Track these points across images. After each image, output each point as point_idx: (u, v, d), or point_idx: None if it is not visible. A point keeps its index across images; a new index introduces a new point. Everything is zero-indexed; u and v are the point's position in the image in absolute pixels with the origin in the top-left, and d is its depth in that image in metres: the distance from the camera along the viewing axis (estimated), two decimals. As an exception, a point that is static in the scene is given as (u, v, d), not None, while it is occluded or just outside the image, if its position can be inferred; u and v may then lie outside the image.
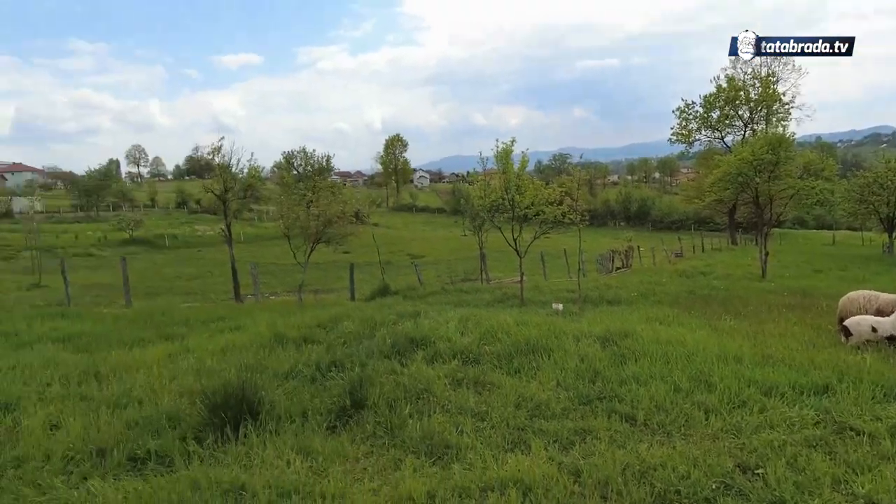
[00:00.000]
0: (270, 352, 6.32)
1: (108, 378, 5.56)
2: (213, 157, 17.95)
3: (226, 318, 9.65)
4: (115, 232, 46.18)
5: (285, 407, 4.53)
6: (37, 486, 3.61)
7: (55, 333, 7.84)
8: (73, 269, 19.25)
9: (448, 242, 51.02)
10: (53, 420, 4.56)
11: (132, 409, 4.68)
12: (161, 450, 3.98)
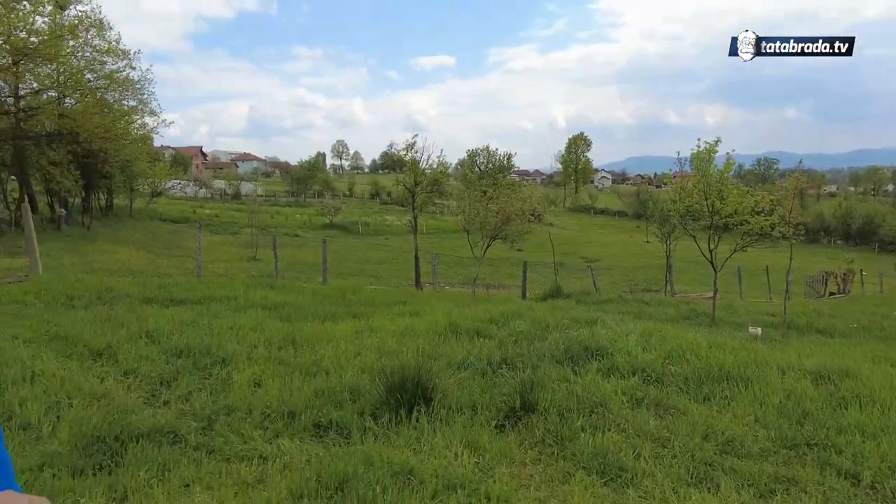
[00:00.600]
0: (445, 340, 6.46)
1: (303, 346, 6.11)
2: (407, 153, 19.14)
3: (406, 302, 10.16)
4: (317, 216, 51.89)
5: (456, 398, 4.55)
6: (240, 434, 4.06)
7: (264, 301, 8.90)
8: (282, 247, 21.96)
9: (627, 248, 48.59)
10: (257, 378, 5.12)
11: (320, 379, 5.07)
12: (341, 421, 4.23)
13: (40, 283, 9.69)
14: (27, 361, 4.92)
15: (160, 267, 18.80)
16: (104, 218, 33.09)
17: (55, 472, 3.45)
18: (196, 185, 67.11)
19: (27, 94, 22.39)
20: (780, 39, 9.39)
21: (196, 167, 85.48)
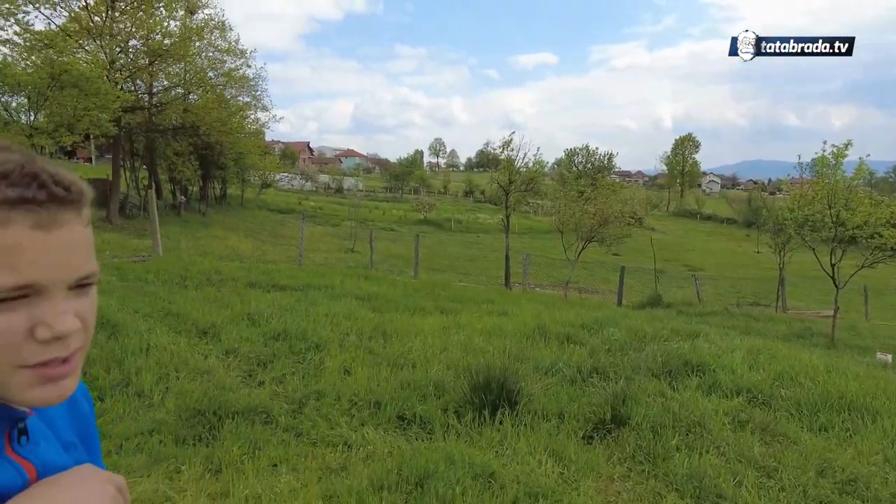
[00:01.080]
0: (533, 343, 6.31)
1: (392, 338, 6.20)
2: (503, 151, 19.04)
3: (494, 301, 10.07)
4: (412, 212, 53.04)
5: (542, 403, 4.41)
6: (328, 420, 4.17)
7: (358, 291, 9.16)
8: (378, 240, 22.61)
9: (735, 257, 45.49)
10: (347, 366, 5.25)
11: (406, 371, 5.11)
12: (425, 415, 4.23)
13: (160, 264, 10.59)
14: (144, 334, 5.35)
15: (266, 254, 19.99)
16: (218, 206, 35.76)
17: (161, 438, 3.70)
18: (302, 179, 70.87)
19: (159, 91, 24.62)
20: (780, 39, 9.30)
21: (303, 161, 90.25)
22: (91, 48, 20.57)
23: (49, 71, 13.81)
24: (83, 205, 0.60)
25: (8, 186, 0.53)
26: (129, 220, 22.48)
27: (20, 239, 0.53)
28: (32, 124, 13.72)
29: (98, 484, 0.62)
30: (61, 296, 0.56)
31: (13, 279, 0.53)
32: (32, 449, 0.63)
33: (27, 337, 0.55)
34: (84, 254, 0.59)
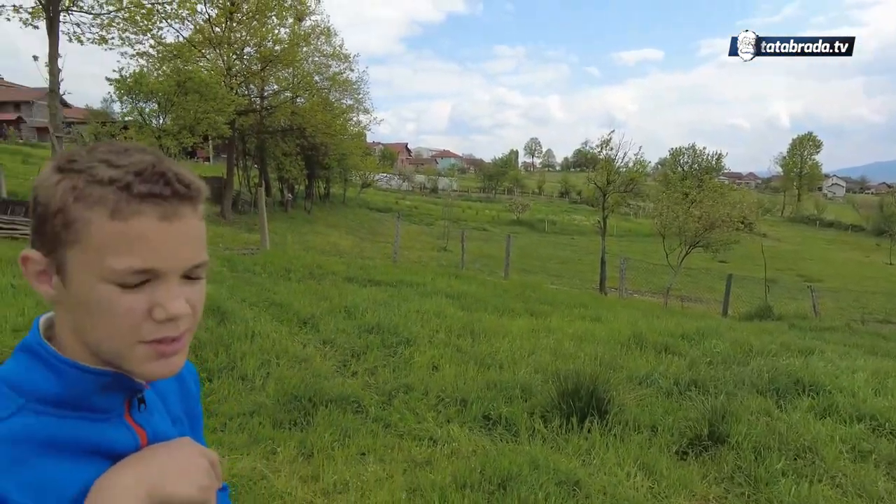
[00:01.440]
0: (627, 351, 6.07)
1: (480, 337, 6.21)
2: (601, 150, 18.52)
3: (588, 306, 9.80)
4: (505, 212, 52.83)
5: (634, 415, 4.23)
6: (415, 413, 4.25)
7: (449, 290, 9.26)
8: (470, 240, 22.74)
9: (861, 269, 41.22)
10: (435, 362, 5.32)
11: (493, 371, 5.10)
12: (510, 417, 4.20)
13: (267, 257, 11.29)
14: (250, 322, 5.72)
15: (364, 250, 20.77)
16: (322, 204, 37.57)
17: (261, 420, 3.95)
18: (400, 179, 72.87)
19: (269, 95, 26.29)
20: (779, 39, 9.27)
21: (401, 162, 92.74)
22: (211, 57, 22.39)
23: (176, 79, 15.23)
24: (199, 201, 0.67)
25: (141, 183, 0.61)
26: (241, 216, 24.18)
27: (147, 229, 0.61)
28: (161, 127, 15.16)
29: (194, 455, 0.69)
30: (175, 282, 0.63)
31: (138, 264, 0.60)
32: (147, 418, 0.72)
33: (146, 316, 0.62)
34: (197, 245, 0.66)
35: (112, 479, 0.62)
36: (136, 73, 15.22)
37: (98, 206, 0.60)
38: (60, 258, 0.62)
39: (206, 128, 15.95)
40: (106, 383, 0.66)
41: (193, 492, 0.65)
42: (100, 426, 0.67)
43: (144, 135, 15.03)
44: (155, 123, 15.29)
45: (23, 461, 0.60)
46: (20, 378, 0.64)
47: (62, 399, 0.64)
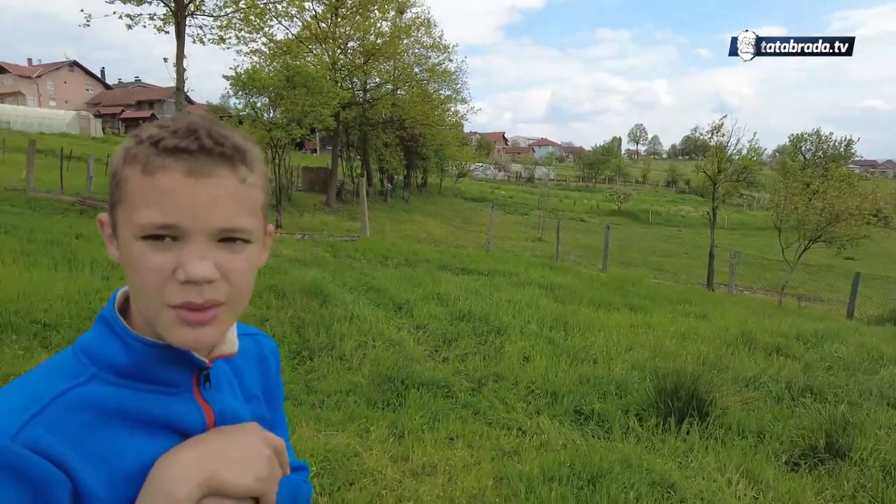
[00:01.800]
0: (734, 352, 5.68)
1: (574, 330, 6.07)
2: (712, 136, 17.37)
3: (692, 302, 9.28)
4: (605, 202, 51.11)
5: (738, 419, 3.96)
6: (504, 403, 4.24)
7: (542, 280, 9.13)
8: (566, 230, 22.25)
9: None
10: (526, 353, 5.28)
11: (587, 366, 4.97)
12: (603, 413, 4.08)
13: (366, 244, 11.73)
14: (349, 305, 5.98)
15: (458, 239, 20.98)
16: (419, 193, 38.35)
17: (356, 398, 4.12)
18: (496, 168, 72.69)
19: (371, 88, 27.11)
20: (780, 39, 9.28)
21: (497, 151, 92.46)
22: (317, 52, 23.45)
23: (285, 74, 16.10)
24: (237, 161, 0.63)
25: (171, 138, 0.60)
26: (344, 205, 25.24)
27: (171, 183, 0.59)
28: (271, 120, 16.13)
29: (257, 443, 0.67)
30: (202, 243, 0.60)
31: (160, 218, 0.59)
32: (214, 395, 0.71)
33: (170, 277, 0.60)
34: (232, 208, 0.62)
35: (172, 461, 0.61)
36: (249, 70, 16.29)
37: (134, 161, 0.61)
38: (115, 219, 0.63)
39: (313, 120, 16.76)
40: (168, 357, 0.65)
41: (251, 482, 0.63)
42: (168, 400, 0.66)
43: (257, 128, 16.08)
44: (266, 117, 16.28)
45: (90, 429, 0.60)
46: (95, 348, 0.65)
47: (131, 371, 0.64)
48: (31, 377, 0.63)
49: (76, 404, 0.60)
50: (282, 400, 0.89)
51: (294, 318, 5.46)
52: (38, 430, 0.57)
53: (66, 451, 0.57)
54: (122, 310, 0.68)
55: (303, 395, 4.11)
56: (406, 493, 2.90)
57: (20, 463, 0.55)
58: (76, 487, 0.58)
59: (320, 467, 3.03)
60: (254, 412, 0.78)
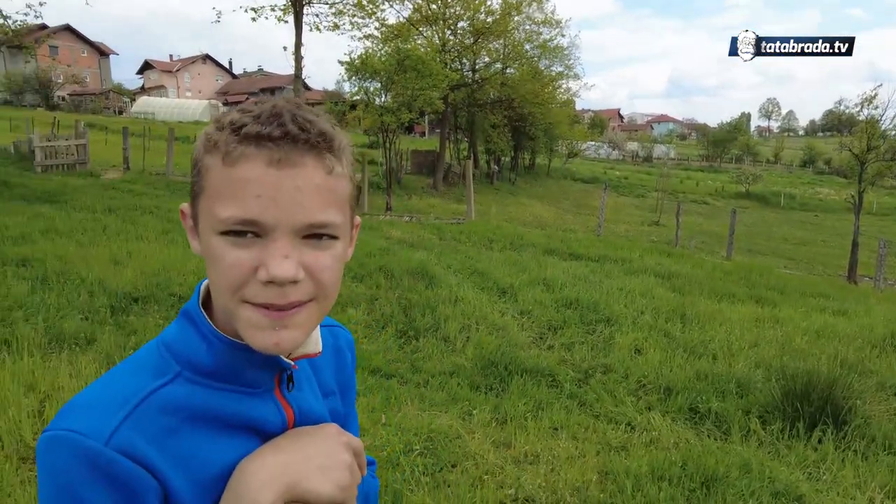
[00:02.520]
0: (880, 354, 5.05)
1: (692, 323, 5.71)
2: (861, 109, 15.40)
3: (829, 296, 8.37)
4: (731, 184, 47.29)
5: (885, 431, 3.51)
6: (613, 396, 4.09)
7: (658, 268, 8.65)
8: (687, 214, 20.91)
9: None
10: (638, 345, 5.04)
11: (705, 361, 4.65)
12: (722, 413, 3.80)
13: (472, 227, 11.77)
14: (454, 288, 6.04)
15: (566, 222, 20.48)
16: (526, 175, 37.81)
17: (459, 381, 4.16)
18: (610, 147, 69.82)
19: (480, 68, 26.97)
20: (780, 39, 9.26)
21: (612, 129, 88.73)
22: (427, 34, 23.70)
23: (396, 58, 16.45)
24: (325, 150, 0.58)
25: (253, 124, 0.55)
26: (451, 187, 25.53)
27: (253, 174, 0.54)
28: (383, 104, 16.60)
29: (338, 449, 0.64)
30: (286, 241, 0.56)
31: (241, 214, 0.54)
32: (295, 394, 0.68)
33: (250, 275, 0.56)
34: (319, 201, 0.57)
35: (254, 467, 0.59)
36: (362, 55, 16.82)
37: (215, 151, 0.57)
38: (196, 210, 0.60)
39: (422, 103, 17.03)
40: (252, 359, 0.62)
41: (334, 490, 0.61)
42: (249, 401, 0.64)
43: (369, 112, 16.63)
44: (378, 101, 16.78)
45: (174, 431, 0.58)
46: (178, 345, 0.63)
47: (214, 371, 0.62)
48: (118, 373, 0.62)
49: (163, 406, 0.59)
50: (354, 393, 0.86)
51: (401, 298, 5.62)
52: (130, 433, 0.56)
53: (155, 455, 0.56)
54: (206, 303, 0.65)
55: (408, 374, 4.23)
56: (508, 480, 2.89)
57: (113, 467, 0.54)
58: (166, 492, 0.57)
59: (423, 447, 3.10)
60: (331, 408, 0.76)
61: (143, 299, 4.91)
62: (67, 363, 3.62)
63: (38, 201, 9.78)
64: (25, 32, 12.24)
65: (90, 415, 0.56)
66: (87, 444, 0.54)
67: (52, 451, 0.54)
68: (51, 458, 0.54)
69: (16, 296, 4.64)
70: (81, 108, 48.44)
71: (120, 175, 15.44)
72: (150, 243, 6.85)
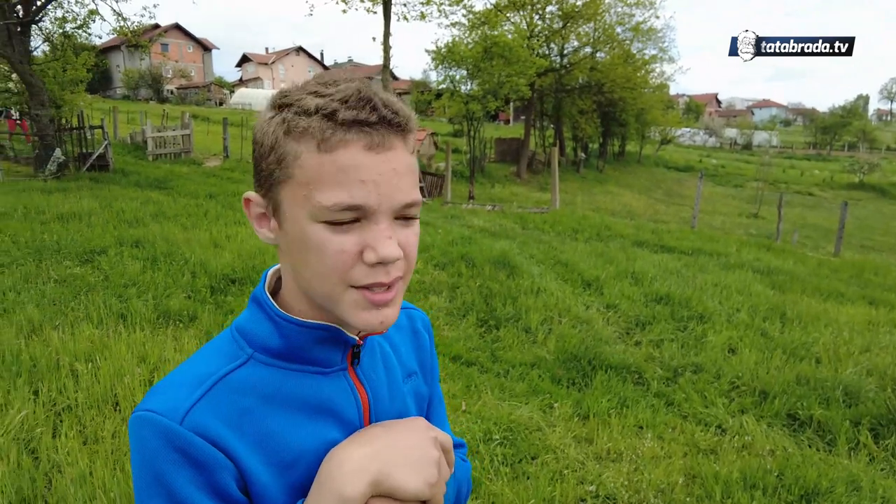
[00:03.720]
0: None
1: (793, 323, 5.33)
2: None
3: (959, 299, 7.51)
4: (842, 174, 43.28)
5: None
6: (703, 396, 3.90)
7: (756, 264, 8.12)
8: (790, 205, 19.44)
9: None
10: (733, 344, 4.77)
11: (807, 365, 4.33)
12: (826, 422, 3.54)
13: (556, 216, 11.56)
14: (536, 278, 5.97)
15: (658, 213, 19.63)
16: (615, 162, 36.53)
17: (540, 373, 4.12)
18: (706, 134, 65.99)
19: (569, 53, 26.28)
20: (780, 39, 9.23)
21: (708, 115, 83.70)
22: (515, 20, 23.34)
23: (483, 45, 16.36)
24: (409, 132, 0.60)
25: (346, 109, 0.55)
26: (535, 176, 25.17)
27: (354, 160, 0.55)
28: (468, 92, 16.58)
29: (427, 444, 0.64)
30: (387, 223, 0.57)
31: (346, 199, 0.55)
32: (369, 374, 0.69)
33: (356, 259, 0.57)
34: (409, 181, 0.59)
35: (342, 458, 0.60)
36: (448, 43, 16.86)
37: (305, 137, 0.56)
38: (276, 197, 0.60)
39: (508, 91, 16.86)
40: (318, 336, 0.64)
41: (421, 486, 0.61)
42: (323, 380, 0.65)
43: (455, 101, 16.66)
44: (463, 89, 16.78)
45: (249, 412, 0.60)
46: (249, 330, 0.64)
47: (284, 352, 0.63)
48: (196, 358, 0.65)
49: (237, 388, 0.61)
50: (437, 374, 0.86)
51: (482, 287, 5.63)
52: (204, 413, 0.58)
53: (229, 436, 0.58)
54: (273, 291, 0.67)
55: (488, 364, 4.24)
56: (588, 476, 2.84)
57: (187, 446, 0.56)
58: (240, 472, 0.58)
59: (503, 437, 3.10)
60: (413, 388, 0.76)
61: (240, 280, 5.23)
62: (172, 338, 3.93)
63: (150, 187, 10.65)
64: (141, 32, 13.27)
65: (168, 397, 0.59)
66: (165, 424, 0.57)
67: (137, 430, 0.58)
68: (137, 436, 0.58)
69: (130, 274, 5.09)
70: (187, 100, 52.04)
71: (220, 163, 16.49)
72: (246, 227, 7.28)
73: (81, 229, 6.58)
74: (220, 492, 0.57)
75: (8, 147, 13.01)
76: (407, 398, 0.74)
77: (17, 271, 5.03)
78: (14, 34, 10.54)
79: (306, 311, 0.64)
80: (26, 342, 3.56)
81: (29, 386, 3.05)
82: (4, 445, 2.48)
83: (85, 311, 4.19)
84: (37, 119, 11.05)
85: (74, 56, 12.79)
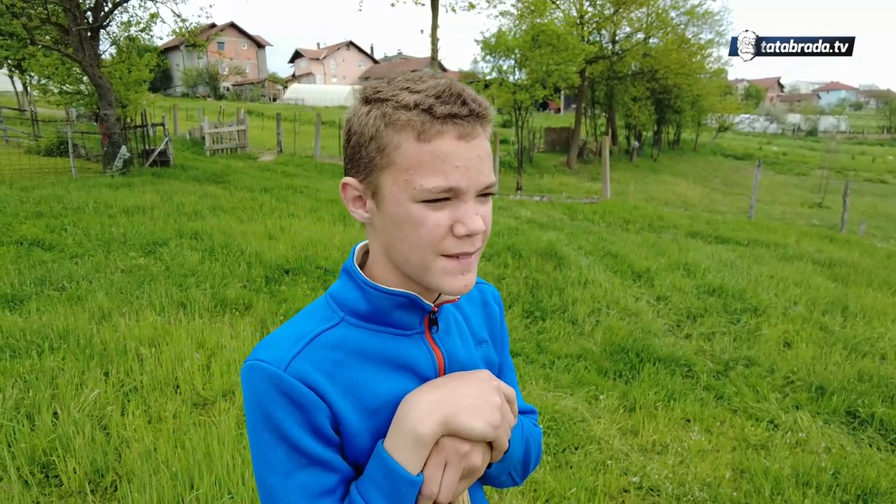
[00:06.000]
0: None
1: (855, 317, 5.09)
2: None
3: None
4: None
5: None
6: (755, 391, 3.80)
7: (818, 255, 7.76)
8: (858, 194, 18.40)
9: None
10: (788, 338, 4.61)
11: (869, 361, 4.14)
12: (889, 420, 3.40)
13: (606, 206, 11.35)
14: (584, 270, 5.91)
15: (713, 203, 18.95)
16: (670, 151, 35.40)
17: (586, 364, 4.10)
18: (767, 120, 63.02)
19: (620, 39, 25.56)
20: (780, 39, 9.31)
21: (770, 100, 79.84)
22: (564, 7, 22.89)
23: (531, 34, 16.15)
24: (489, 122, 0.70)
25: (441, 104, 0.65)
26: (585, 165, 24.71)
27: (449, 149, 0.65)
28: (516, 82, 16.42)
29: (489, 391, 0.73)
30: (472, 201, 0.68)
31: (443, 183, 0.65)
32: (444, 338, 0.79)
33: (448, 232, 0.67)
34: (489, 165, 0.69)
35: (415, 401, 0.70)
36: (497, 33, 16.72)
37: (406, 129, 0.65)
38: (375, 181, 0.69)
39: (557, 79, 16.58)
40: (400, 303, 0.73)
41: (485, 427, 0.70)
42: (404, 341, 0.75)
43: (503, 91, 16.55)
44: (511, 79, 16.63)
45: (341, 365, 0.71)
46: (341, 296, 0.75)
47: (370, 315, 0.74)
48: (295, 320, 0.75)
49: (330, 343, 0.71)
50: (507, 344, 0.95)
51: (529, 278, 5.62)
52: (303, 363, 0.68)
53: (324, 383, 0.69)
54: (361, 264, 0.78)
55: (534, 354, 4.25)
56: (633, 468, 2.83)
57: (290, 389, 0.67)
58: (333, 414, 0.69)
59: (547, 426, 3.12)
60: (484, 355, 0.85)
61: (294, 271, 5.42)
62: (229, 325, 4.12)
63: (207, 181, 11.10)
64: (199, 32, 13.79)
65: (273, 349, 0.70)
66: (271, 370, 0.67)
67: (249, 376, 0.69)
68: (248, 381, 0.69)
69: (190, 265, 5.35)
70: (242, 96, 53.67)
71: (274, 157, 16.99)
72: (299, 220, 7.50)
73: (145, 222, 6.96)
74: (318, 429, 0.68)
75: (80, 146, 13.82)
76: (478, 362, 0.83)
77: (88, 262, 5.38)
78: (85, 39, 11.15)
79: (391, 280, 0.74)
80: (97, 328, 3.81)
81: (100, 368, 3.28)
82: (81, 421, 2.69)
83: (148, 299, 4.45)
84: (105, 119, 11.68)
85: (138, 57, 13.44)
